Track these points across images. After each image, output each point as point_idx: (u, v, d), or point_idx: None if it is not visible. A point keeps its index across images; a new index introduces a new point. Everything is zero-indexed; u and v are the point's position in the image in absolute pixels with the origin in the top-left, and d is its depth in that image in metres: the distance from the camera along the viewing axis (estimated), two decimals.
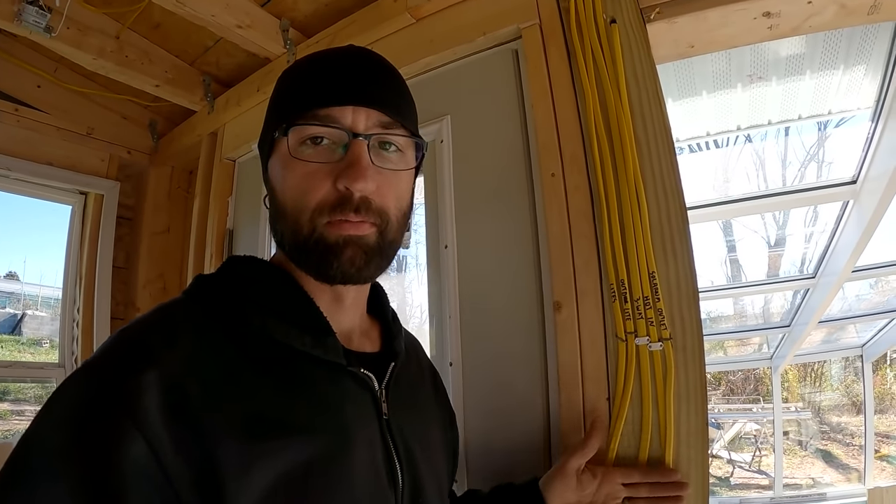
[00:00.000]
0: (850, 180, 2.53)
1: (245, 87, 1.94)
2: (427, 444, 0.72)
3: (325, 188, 0.60)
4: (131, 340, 0.54)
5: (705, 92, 2.00)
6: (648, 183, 1.05)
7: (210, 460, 0.49)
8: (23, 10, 1.53)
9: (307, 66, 0.67)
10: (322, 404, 0.59)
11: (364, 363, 0.65)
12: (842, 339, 6.62)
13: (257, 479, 0.50)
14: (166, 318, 0.58)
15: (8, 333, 9.64)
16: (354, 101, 0.61)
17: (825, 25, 1.18)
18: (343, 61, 0.65)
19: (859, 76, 1.90)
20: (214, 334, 0.57)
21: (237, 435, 0.51)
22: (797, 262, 4.53)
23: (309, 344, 0.60)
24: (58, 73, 2.07)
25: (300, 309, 0.63)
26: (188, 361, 0.53)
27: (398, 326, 0.78)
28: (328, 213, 0.60)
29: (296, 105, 0.62)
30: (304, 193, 0.61)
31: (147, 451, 0.46)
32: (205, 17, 1.55)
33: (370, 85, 0.63)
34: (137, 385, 0.48)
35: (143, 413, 0.47)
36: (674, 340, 0.97)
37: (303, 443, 0.55)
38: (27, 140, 2.05)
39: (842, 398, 10.58)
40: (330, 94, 0.61)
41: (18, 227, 4.77)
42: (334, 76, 0.63)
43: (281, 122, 0.63)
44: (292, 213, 0.61)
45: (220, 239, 1.93)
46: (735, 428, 9.79)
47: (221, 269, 0.66)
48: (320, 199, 0.60)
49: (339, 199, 0.60)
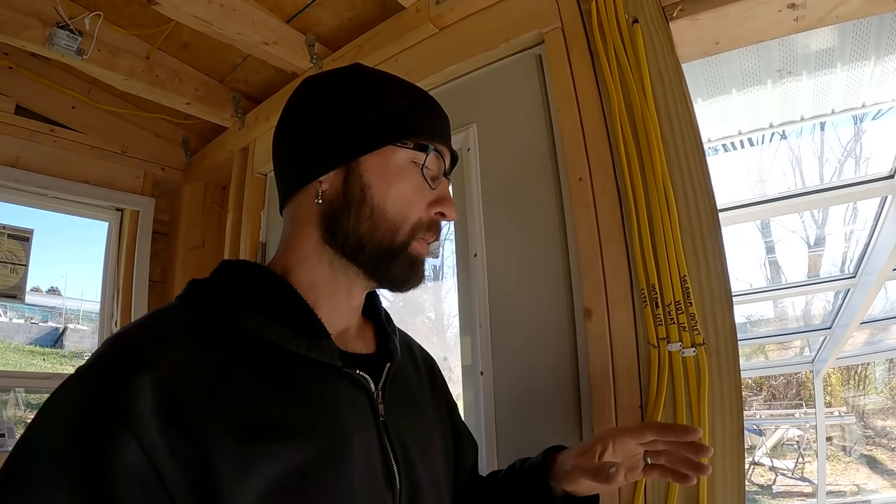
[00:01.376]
0: (888, 175, 2.45)
1: (274, 102, 1.98)
2: (425, 445, 0.72)
3: (423, 208, 0.68)
4: (125, 345, 0.54)
5: (735, 90, 1.97)
6: (677, 184, 1.03)
7: (205, 465, 0.48)
8: (54, 35, 1.59)
9: (416, 92, 0.73)
10: (318, 407, 0.59)
11: (359, 364, 0.65)
12: (885, 340, 6.38)
13: (253, 484, 0.50)
14: (160, 323, 0.57)
15: (51, 346, 9.95)
16: (448, 143, 0.73)
17: (852, 14, 1.15)
18: (436, 103, 0.74)
19: (892, 66, 1.84)
20: (208, 338, 0.57)
21: (232, 439, 0.51)
22: (838, 262, 4.40)
23: (303, 346, 0.60)
24: (91, 93, 2.15)
25: (294, 311, 0.63)
26: (182, 366, 0.53)
27: (392, 326, 0.79)
28: (423, 231, 0.68)
29: (422, 128, 0.69)
30: (410, 206, 0.67)
31: (141, 456, 0.46)
32: (231, 35, 1.59)
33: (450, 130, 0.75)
34: (131, 390, 0.48)
35: (136, 418, 0.47)
36: (707, 345, 0.95)
37: (299, 446, 0.55)
38: (63, 159, 2.12)
39: (886, 401, 10.20)
40: (442, 132, 0.71)
41: (60, 243, 4.93)
42: (439, 115, 0.73)
43: (409, 134, 0.68)
44: (393, 219, 0.66)
45: (254, 252, 1.96)
46: (777, 434, 9.50)
47: (214, 274, 0.66)
48: (420, 216, 0.67)
49: (432, 223, 0.69)
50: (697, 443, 0.74)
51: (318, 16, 1.67)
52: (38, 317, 10.87)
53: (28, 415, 5.19)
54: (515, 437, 1.15)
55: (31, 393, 4.94)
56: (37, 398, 5.17)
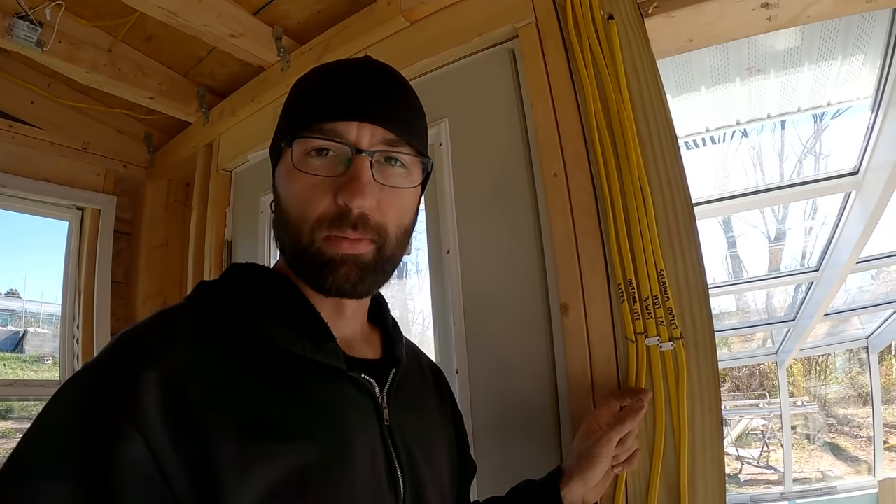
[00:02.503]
0: (852, 171, 2.52)
1: (240, 96, 1.93)
2: (430, 450, 0.71)
3: (325, 202, 0.61)
4: (132, 342, 0.54)
5: (704, 87, 1.99)
6: (653, 179, 1.03)
7: (208, 463, 0.49)
8: (13, 25, 1.51)
9: (317, 78, 0.67)
10: (322, 409, 0.59)
11: (365, 369, 0.65)
12: (846, 331, 6.60)
13: (255, 483, 0.50)
14: (167, 322, 0.58)
15: (10, 351, 9.65)
16: (360, 116, 0.62)
17: (824, 14, 1.17)
18: (353, 75, 0.65)
19: (858, 66, 1.88)
20: (215, 338, 0.57)
21: (235, 438, 0.51)
22: (798, 257, 4.52)
23: (309, 349, 0.60)
24: (51, 88, 2.06)
25: (301, 314, 0.63)
26: (188, 364, 0.53)
27: (399, 333, 0.78)
28: (327, 227, 0.60)
29: (303, 117, 0.63)
30: (305, 205, 0.61)
31: (146, 451, 0.46)
32: (197, 27, 1.54)
33: (377, 101, 0.63)
34: (137, 386, 0.48)
35: (142, 414, 0.47)
36: (685, 339, 0.95)
37: (302, 447, 0.55)
38: (22, 156, 2.03)
39: (847, 390, 10.55)
40: (336, 108, 0.62)
41: (19, 245, 4.76)
42: (342, 90, 0.63)
43: (288, 132, 0.63)
44: (294, 224, 0.62)
45: (219, 250, 1.92)
46: (742, 424, 9.76)
47: (224, 276, 0.67)
48: (320, 212, 0.61)
49: (337, 214, 0.60)
50: None
51: (286, 8, 1.62)
52: None
53: None
54: (493, 435, 1.14)
55: None
56: (1, 405, 4.99)
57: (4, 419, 4.00)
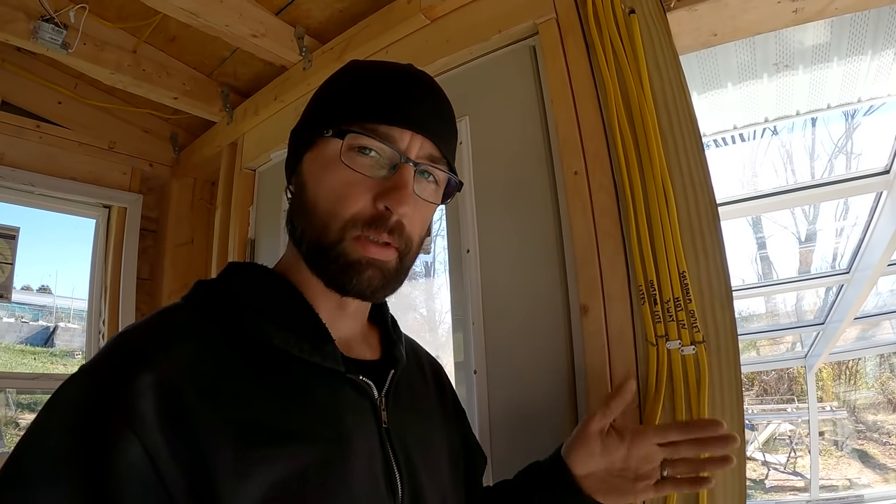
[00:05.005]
0: (884, 170, 2.44)
1: (262, 96, 1.94)
2: (430, 452, 0.71)
3: (363, 202, 0.60)
4: (129, 345, 0.54)
5: (730, 84, 1.95)
6: (676, 177, 1.00)
7: (205, 466, 0.48)
8: (38, 28, 1.55)
9: (373, 74, 0.66)
10: (320, 412, 0.59)
11: (364, 371, 0.64)
12: (876, 335, 6.42)
13: (252, 487, 0.50)
14: (165, 323, 0.57)
15: (41, 345, 9.90)
16: (415, 127, 0.62)
17: (851, 7, 1.14)
18: (409, 82, 0.66)
19: (888, 61, 1.83)
20: (213, 340, 0.57)
21: (233, 441, 0.50)
22: (828, 258, 4.41)
23: (307, 351, 0.60)
24: (78, 88, 2.11)
25: (299, 316, 0.62)
26: (186, 366, 0.52)
27: (398, 332, 0.78)
28: (361, 227, 0.60)
29: (356, 112, 0.62)
30: (340, 200, 0.61)
31: (143, 454, 0.46)
32: (219, 27, 1.56)
33: (431, 115, 0.65)
34: (134, 389, 0.48)
35: (139, 417, 0.47)
36: (707, 343, 0.92)
37: (299, 450, 0.54)
38: (50, 156, 2.08)
39: (877, 396, 10.27)
40: (395, 112, 0.62)
41: (50, 241, 4.87)
42: (401, 96, 0.63)
43: (337, 121, 0.62)
44: (322, 217, 0.61)
45: (242, 249, 1.94)
46: (769, 429, 9.55)
47: (221, 276, 0.66)
48: (356, 211, 0.60)
49: (374, 217, 0.60)
50: (723, 434, 0.77)
51: (307, 7, 1.63)
52: (29, 315, 10.81)
53: (19, 415, 5.16)
54: (510, 437, 1.13)
55: (22, 393, 4.90)
56: (28, 398, 5.13)
57: (33, 411, 4.08)
